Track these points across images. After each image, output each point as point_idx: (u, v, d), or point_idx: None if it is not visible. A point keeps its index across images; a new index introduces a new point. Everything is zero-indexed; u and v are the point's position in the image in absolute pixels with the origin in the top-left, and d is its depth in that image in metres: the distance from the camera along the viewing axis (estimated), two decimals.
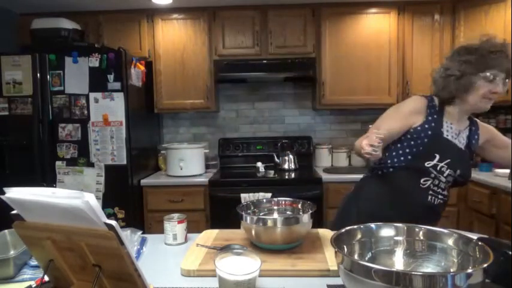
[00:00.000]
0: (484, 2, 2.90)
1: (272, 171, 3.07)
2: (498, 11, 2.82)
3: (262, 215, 1.35)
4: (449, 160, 1.47)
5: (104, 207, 2.66)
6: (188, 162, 2.99)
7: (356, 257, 0.97)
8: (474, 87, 1.45)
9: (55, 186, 2.69)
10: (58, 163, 2.70)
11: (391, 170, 1.54)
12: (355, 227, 1.01)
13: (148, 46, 3.17)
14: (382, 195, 1.56)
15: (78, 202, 0.73)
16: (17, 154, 2.67)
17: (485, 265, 0.74)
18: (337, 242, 0.90)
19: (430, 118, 1.52)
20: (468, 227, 2.79)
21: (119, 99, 2.66)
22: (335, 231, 0.97)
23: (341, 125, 3.52)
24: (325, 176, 2.89)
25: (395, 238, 1.01)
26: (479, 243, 0.86)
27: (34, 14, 3.05)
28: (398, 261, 0.99)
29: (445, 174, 1.48)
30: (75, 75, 2.65)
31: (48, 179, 2.69)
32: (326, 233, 1.36)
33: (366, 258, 0.98)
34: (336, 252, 0.86)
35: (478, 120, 1.67)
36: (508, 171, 2.64)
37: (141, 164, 3.01)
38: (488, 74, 1.43)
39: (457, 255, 0.92)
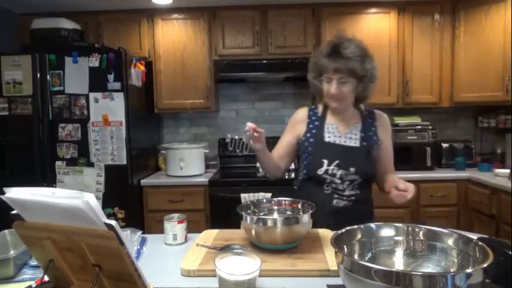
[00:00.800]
0: (484, 2, 2.90)
1: None
2: (498, 11, 2.82)
3: (262, 215, 1.35)
4: (338, 161, 1.48)
5: (104, 207, 2.66)
6: (188, 162, 2.99)
7: (356, 257, 0.97)
8: (320, 88, 1.53)
9: (55, 186, 2.69)
10: (58, 163, 2.70)
11: (300, 183, 1.60)
12: (355, 227, 1.01)
13: (148, 46, 3.17)
14: None
15: (78, 202, 0.73)
16: (17, 154, 2.67)
17: (485, 265, 0.74)
18: (337, 242, 0.90)
19: (311, 126, 1.59)
20: (468, 227, 2.79)
21: (119, 99, 2.65)
22: (335, 231, 0.97)
23: None
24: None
25: (396, 238, 1.01)
26: (479, 243, 0.86)
27: (34, 14, 3.05)
28: (398, 261, 0.99)
29: (337, 176, 1.48)
30: (75, 75, 2.65)
31: (48, 179, 2.69)
32: (326, 233, 1.36)
33: (366, 258, 0.98)
34: (336, 252, 0.86)
35: (377, 112, 1.66)
36: (508, 171, 2.64)
37: (141, 164, 3.01)
38: (323, 76, 1.48)
39: (457, 255, 0.92)
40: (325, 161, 1.49)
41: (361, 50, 1.49)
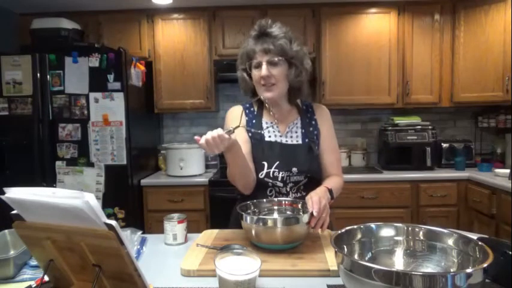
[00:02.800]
0: (484, 2, 2.90)
1: None
2: (498, 11, 2.82)
3: (263, 215, 1.35)
4: (278, 162, 1.39)
5: (104, 207, 2.66)
6: (188, 162, 2.99)
7: (356, 257, 0.97)
8: (250, 82, 1.43)
9: (55, 186, 2.69)
10: (58, 163, 2.70)
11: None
12: (355, 226, 1.01)
13: (148, 46, 3.17)
14: None
15: (78, 202, 0.73)
16: (17, 154, 2.67)
17: (485, 265, 0.74)
18: (337, 242, 0.90)
19: (250, 124, 1.47)
20: (468, 227, 2.79)
21: (119, 99, 2.65)
22: (335, 231, 0.97)
23: (341, 125, 3.52)
24: None
25: (396, 238, 1.01)
26: (479, 243, 0.86)
27: (34, 14, 3.05)
28: (398, 261, 0.99)
29: (279, 179, 1.39)
30: (75, 75, 2.65)
31: (48, 179, 2.69)
32: (326, 233, 1.36)
33: (366, 258, 0.98)
34: (336, 252, 0.86)
35: (315, 104, 1.55)
36: (508, 171, 2.64)
37: (141, 164, 3.01)
38: (253, 62, 1.37)
39: (457, 255, 0.92)
40: (265, 164, 1.39)
41: (287, 30, 1.38)
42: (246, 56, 1.40)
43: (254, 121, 1.48)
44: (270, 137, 1.45)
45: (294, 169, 1.39)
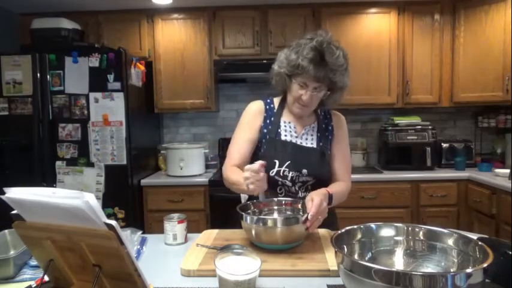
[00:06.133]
0: (484, 2, 2.90)
1: None
2: (498, 11, 2.82)
3: (263, 215, 1.35)
4: (289, 162, 1.39)
5: (104, 207, 2.66)
6: (188, 162, 2.99)
7: (356, 257, 0.97)
8: (290, 87, 1.40)
9: (55, 186, 2.69)
10: (58, 163, 2.70)
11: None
12: (355, 226, 1.01)
13: (149, 46, 3.17)
14: None
15: (78, 202, 0.73)
16: (17, 154, 2.67)
17: (485, 265, 0.74)
18: (337, 242, 0.90)
19: (268, 121, 1.48)
20: (468, 227, 2.79)
21: (119, 99, 2.65)
22: (335, 231, 0.97)
23: None
24: None
25: (396, 238, 1.01)
26: (479, 243, 0.86)
27: (34, 14, 3.05)
28: (399, 261, 0.99)
29: (288, 178, 1.40)
30: (75, 75, 2.65)
31: (48, 179, 2.69)
32: (326, 233, 1.36)
33: (366, 258, 0.98)
34: (336, 252, 0.86)
35: (333, 112, 1.56)
36: (508, 171, 2.64)
37: (141, 164, 3.01)
38: (298, 80, 1.34)
39: (457, 255, 0.92)
40: (277, 162, 1.40)
41: (346, 60, 1.36)
42: (294, 67, 1.34)
43: (272, 119, 1.48)
44: (285, 136, 1.46)
45: (304, 171, 1.41)
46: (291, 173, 1.40)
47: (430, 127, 3.12)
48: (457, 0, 3.07)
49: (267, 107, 1.52)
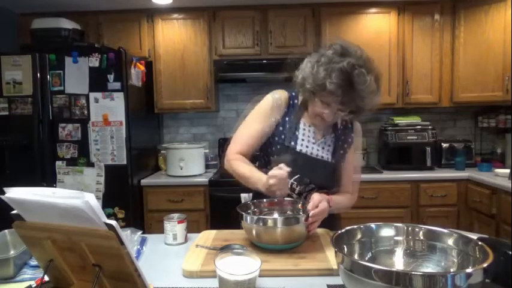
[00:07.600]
0: (484, 2, 2.90)
1: None
2: (498, 11, 2.81)
3: (263, 215, 1.35)
4: (298, 176, 1.34)
5: (104, 207, 2.66)
6: (188, 162, 2.99)
7: (356, 256, 0.97)
8: (312, 101, 1.31)
9: (55, 186, 2.69)
10: (58, 163, 2.70)
11: (255, 192, 1.41)
12: (355, 226, 1.01)
13: (148, 46, 3.17)
14: None
15: (78, 202, 0.73)
16: (17, 154, 2.67)
17: (485, 265, 0.74)
18: (337, 241, 0.90)
19: (287, 119, 1.39)
20: (468, 227, 2.79)
21: (119, 99, 2.65)
22: (335, 231, 0.97)
23: None
24: None
25: (396, 238, 1.01)
26: (479, 243, 0.86)
27: (34, 14, 3.05)
28: (398, 261, 0.99)
29: (296, 191, 1.38)
30: (75, 75, 2.65)
31: (48, 179, 2.69)
32: (325, 233, 1.36)
33: (366, 258, 0.98)
34: (336, 252, 0.86)
35: (354, 122, 1.48)
36: (508, 171, 2.64)
37: (141, 164, 3.01)
38: (323, 98, 1.25)
39: (457, 255, 0.92)
40: None
41: (378, 83, 1.27)
42: (320, 87, 1.22)
43: (292, 116, 1.40)
44: (303, 140, 1.37)
45: (312, 185, 1.38)
46: (298, 186, 1.38)
47: (430, 127, 3.12)
48: (457, 0, 3.07)
49: (291, 102, 1.41)
